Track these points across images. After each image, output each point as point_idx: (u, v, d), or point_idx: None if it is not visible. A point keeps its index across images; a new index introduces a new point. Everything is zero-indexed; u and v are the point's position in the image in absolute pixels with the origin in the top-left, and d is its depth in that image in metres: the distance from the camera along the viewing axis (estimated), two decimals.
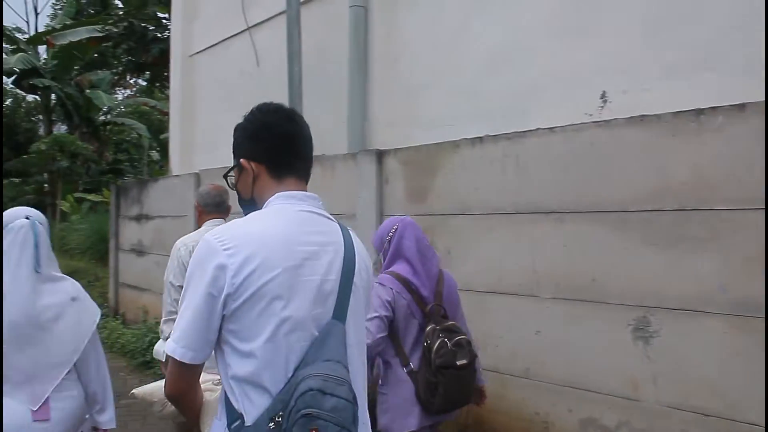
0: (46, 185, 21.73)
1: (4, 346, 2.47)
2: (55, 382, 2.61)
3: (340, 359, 1.65)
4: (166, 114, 23.67)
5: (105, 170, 22.99)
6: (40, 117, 37.83)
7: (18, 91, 39.35)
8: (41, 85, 22.88)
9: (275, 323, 1.62)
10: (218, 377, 1.77)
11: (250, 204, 1.93)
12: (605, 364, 3.59)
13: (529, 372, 4.01)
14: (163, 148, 21.24)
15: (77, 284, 2.80)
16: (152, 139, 23.64)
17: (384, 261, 3.36)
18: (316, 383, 1.53)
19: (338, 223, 1.93)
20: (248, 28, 7.86)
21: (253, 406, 1.62)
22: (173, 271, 3.68)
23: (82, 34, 19.02)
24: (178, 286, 3.55)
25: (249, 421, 1.61)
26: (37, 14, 28.57)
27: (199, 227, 4.08)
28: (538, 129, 4.00)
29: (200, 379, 1.83)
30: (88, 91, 23.09)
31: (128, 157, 27.64)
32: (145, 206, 8.87)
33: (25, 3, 39.30)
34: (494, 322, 4.20)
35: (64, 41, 19.80)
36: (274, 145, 1.89)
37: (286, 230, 1.73)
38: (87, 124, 24.07)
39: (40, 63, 23.82)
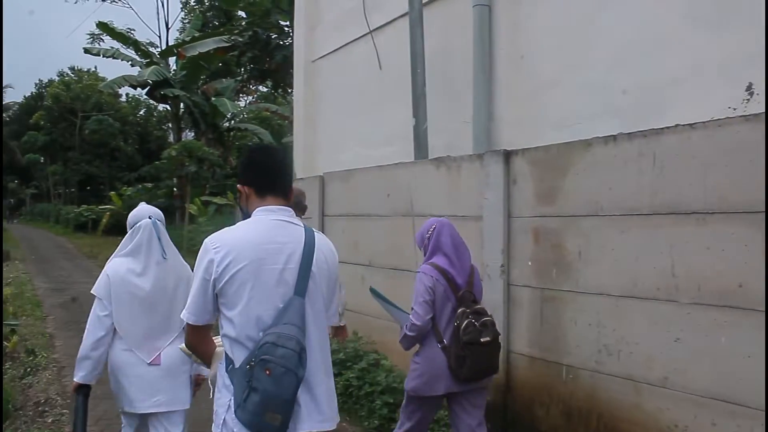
0: (175, 189, 22.78)
1: (137, 311, 3.46)
2: (170, 339, 3.57)
3: (295, 323, 2.38)
4: (287, 119, 24.51)
5: (229, 174, 23.89)
6: (170, 125, 39.88)
7: (151, 101, 41.71)
8: (171, 95, 24.10)
9: (245, 299, 2.40)
10: None
11: (246, 215, 2.67)
12: (755, 376, 3.36)
13: (667, 381, 3.81)
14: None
15: (188, 267, 3.59)
16: (274, 144, 24.36)
17: (425, 255, 4.07)
18: (271, 338, 2.30)
19: (304, 227, 2.62)
20: (370, 32, 7.92)
21: (238, 356, 2.41)
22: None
23: (209, 45, 19.91)
24: None
25: (237, 365, 2.40)
26: (168, 29, 30.08)
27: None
28: (677, 125, 3.79)
29: (215, 339, 2.69)
30: (213, 99, 24.13)
31: None
32: None
33: (158, 19, 41.49)
34: (629, 328, 4.02)
35: (194, 52, 20.76)
36: (257, 175, 2.66)
37: (256, 234, 2.49)
38: (212, 131, 25.14)
39: (171, 74, 25.07)
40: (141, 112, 49.89)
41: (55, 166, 48.01)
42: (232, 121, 26.74)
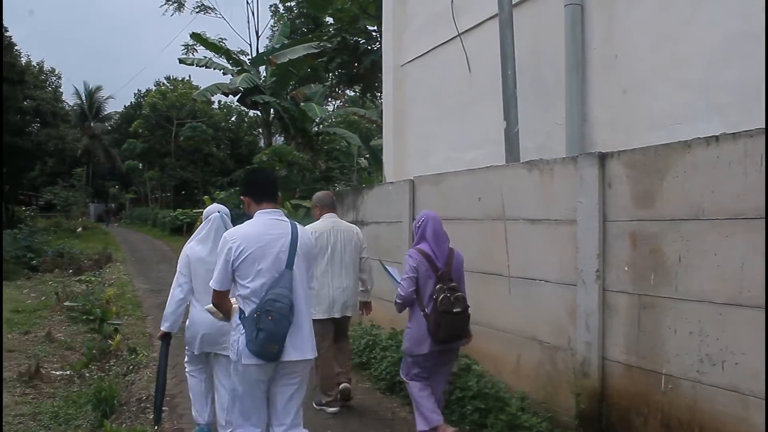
0: None
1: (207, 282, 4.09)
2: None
3: (286, 287, 3.71)
4: (374, 122, 24.68)
5: (318, 178, 24.23)
6: (260, 131, 40.82)
7: (242, 108, 42.82)
8: (261, 101, 24.65)
9: (254, 272, 3.72)
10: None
11: (248, 217, 4.01)
12: None
13: None
14: (372, 156, 22.00)
15: None
16: (363, 148, 24.59)
17: (414, 240, 5.15)
18: (271, 297, 3.63)
19: (290, 222, 3.96)
20: (458, 35, 7.90)
21: (248, 309, 3.71)
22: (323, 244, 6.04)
23: (299, 51, 20.30)
24: None
25: (246, 314, 3.70)
26: (258, 37, 30.79)
27: (318, 219, 6.33)
28: None
29: (231, 300, 3.92)
30: (302, 104, 24.54)
31: (339, 164, 28.95)
32: (360, 212, 9.19)
33: (248, 28, 42.62)
34: (734, 337, 3.85)
35: (284, 59, 21.19)
36: (255, 189, 4.05)
37: (258, 229, 3.85)
38: (302, 135, 25.55)
39: (261, 81, 25.66)
40: (232, 119, 51.33)
41: (152, 171, 49.88)
42: (321, 126, 27.13)
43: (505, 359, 5.78)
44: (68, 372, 7.51)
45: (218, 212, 4.98)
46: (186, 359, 5.29)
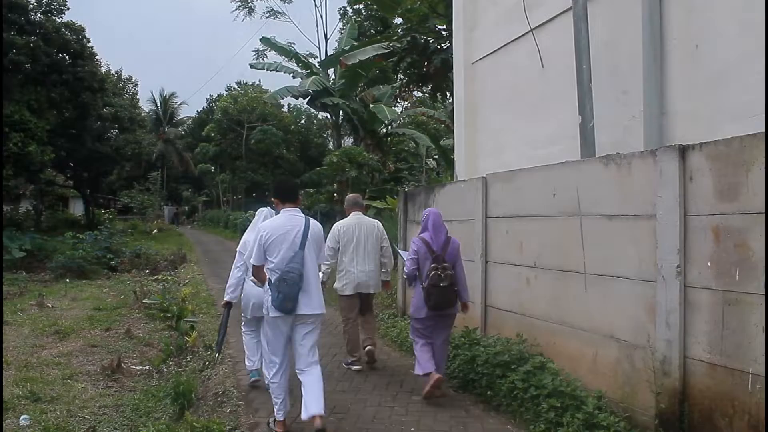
0: (336, 194, 23.48)
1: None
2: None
3: (299, 262, 5.24)
4: (443, 123, 24.62)
5: (387, 179, 24.28)
6: (330, 132, 41.22)
7: (311, 110, 43.32)
8: (331, 104, 24.88)
9: (278, 251, 5.26)
10: None
11: (278, 213, 5.68)
12: None
13: None
14: (442, 156, 21.93)
15: None
16: (432, 148, 24.54)
17: (420, 230, 6.54)
18: (288, 269, 5.19)
19: (304, 217, 5.45)
20: (531, 30, 7.80)
21: (273, 277, 5.22)
22: (331, 239, 7.49)
23: (369, 52, 20.40)
24: (331, 247, 7.44)
25: (272, 281, 5.21)
26: (326, 39, 31.06)
27: (348, 216, 7.84)
28: None
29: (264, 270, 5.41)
30: (371, 105, 24.64)
31: (408, 165, 28.98)
32: None
33: (317, 31, 43.11)
34: None
35: (354, 60, 21.33)
36: (282, 193, 5.74)
37: (281, 221, 5.41)
38: (371, 137, 25.66)
39: (330, 84, 25.90)
40: (302, 121, 51.98)
41: (223, 174, 50.96)
42: (390, 127, 27.20)
43: (581, 357, 5.66)
44: (147, 367, 7.75)
45: (263, 210, 6.73)
46: (243, 323, 6.95)
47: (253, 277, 5.71)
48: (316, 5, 37.01)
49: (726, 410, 4.32)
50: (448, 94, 15.83)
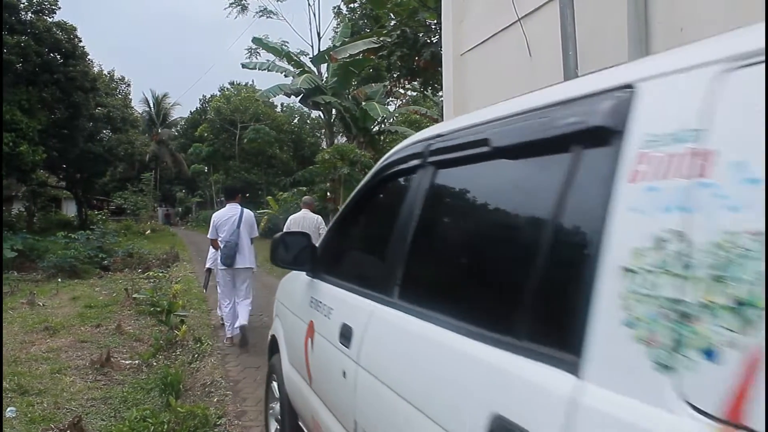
0: (328, 193, 23.50)
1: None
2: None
3: (236, 236, 8.67)
4: (435, 120, 24.59)
5: None
6: (323, 131, 41.20)
7: (304, 109, 43.30)
8: (323, 102, 24.88)
9: (223, 230, 8.70)
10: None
11: (224, 205, 9.58)
12: None
13: None
14: None
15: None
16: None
17: None
18: (229, 239, 8.63)
19: (241, 208, 8.93)
20: (518, 20, 7.78)
21: (221, 245, 8.71)
22: (285, 227, 9.94)
23: (359, 47, 20.44)
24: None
25: (222, 246, 8.72)
26: (320, 38, 31.12)
27: (300, 211, 10.46)
28: None
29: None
30: (363, 103, 24.65)
31: None
32: None
33: (310, 30, 43.01)
34: None
35: (345, 54, 21.33)
36: (226, 194, 12.10)
37: (225, 211, 8.96)
38: (363, 135, 25.68)
39: (322, 82, 25.90)
40: (295, 121, 51.94)
41: (217, 174, 50.88)
42: (383, 125, 27.21)
43: None
44: (137, 361, 7.72)
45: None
46: (218, 284, 9.38)
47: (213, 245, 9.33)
48: (309, 4, 37.06)
49: None
50: (438, 86, 15.83)
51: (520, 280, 1.80)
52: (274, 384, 4.59)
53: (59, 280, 15.88)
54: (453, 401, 1.91)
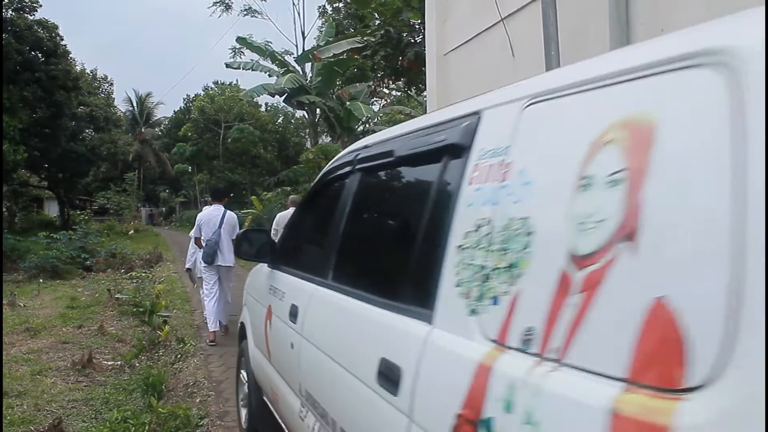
0: None
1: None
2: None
3: (216, 236, 9.03)
4: None
5: None
6: (307, 131, 41.12)
7: (289, 109, 43.16)
8: (307, 102, 24.83)
9: (206, 229, 9.11)
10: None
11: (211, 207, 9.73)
12: None
13: None
14: None
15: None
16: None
17: None
18: (210, 239, 9.02)
19: (224, 210, 9.29)
20: (501, 20, 7.81)
21: (203, 243, 9.11)
22: (275, 223, 11.18)
23: (343, 46, 20.39)
24: (274, 228, 10.75)
25: (204, 245, 9.10)
26: (304, 38, 30.99)
27: (288, 209, 11.14)
28: None
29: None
30: (348, 103, 24.64)
31: None
32: None
33: (295, 29, 42.90)
34: None
35: (328, 54, 21.29)
36: (213, 196, 11.11)
37: (209, 212, 9.35)
38: (348, 134, 25.66)
39: (306, 81, 25.84)
40: (279, 120, 51.78)
41: (201, 174, 50.63)
42: (367, 125, 27.21)
43: None
44: (119, 362, 7.67)
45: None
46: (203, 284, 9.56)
47: (195, 243, 9.78)
48: (294, 3, 36.83)
49: None
50: (422, 87, 15.83)
51: (402, 260, 2.49)
52: (243, 373, 5.12)
53: (41, 280, 15.75)
54: (357, 352, 2.59)
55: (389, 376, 2.17)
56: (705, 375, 1.12)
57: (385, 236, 3.10)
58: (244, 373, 5.10)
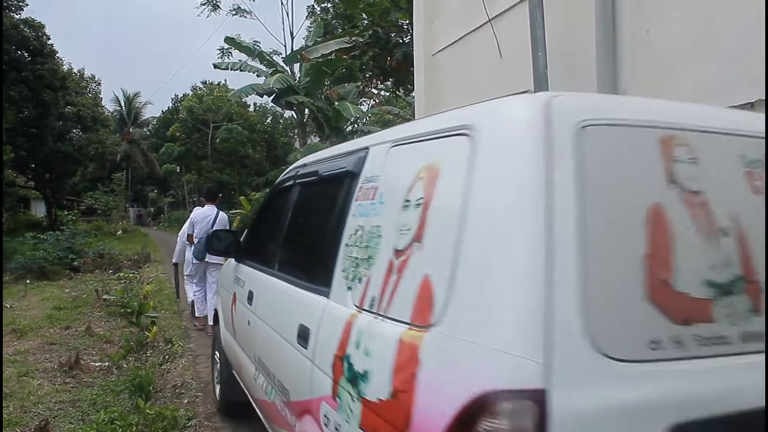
0: None
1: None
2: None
3: (208, 234, 6.86)
4: (408, 120, 24.59)
5: None
6: (296, 131, 41.06)
7: (277, 109, 43.07)
8: (296, 102, 24.77)
9: (199, 227, 9.70)
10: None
11: (202, 206, 10.27)
12: None
13: None
14: None
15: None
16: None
17: None
18: (202, 237, 9.19)
19: (217, 210, 9.93)
20: (489, 21, 7.83)
21: (195, 240, 9.66)
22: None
23: (331, 47, 20.33)
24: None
25: (196, 242, 9.58)
26: (292, 38, 30.94)
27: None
28: None
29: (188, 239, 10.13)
30: (336, 103, 24.60)
31: None
32: None
33: (283, 29, 42.79)
34: None
35: (317, 54, 21.25)
36: (206, 196, 10.50)
37: (203, 212, 9.96)
38: (336, 134, 25.62)
39: (295, 82, 25.79)
40: (268, 120, 51.69)
41: (189, 174, 50.48)
42: (356, 125, 27.19)
43: None
44: (107, 363, 7.65)
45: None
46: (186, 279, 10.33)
47: (186, 240, 10.13)
48: (282, 3, 36.72)
49: None
50: (410, 87, 15.85)
51: (315, 253, 3.40)
52: (217, 354, 6.01)
53: (28, 281, 15.64)
54: (287, 322, 3.42)
55: (303, 336, 3.06)
56: (436, 319, 2.04)
57: (306, 235, 3.98)
58: (217, 354, 5.96)
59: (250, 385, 4.42)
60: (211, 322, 8.90)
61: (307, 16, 31.75)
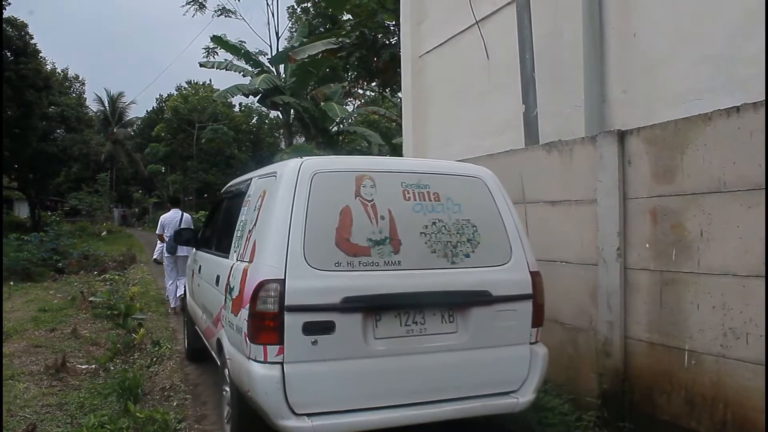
0: None
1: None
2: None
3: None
4: (394, 121, 24.68)
5: None
6: (282, 131, 40.96)
7: (263, 109, 42.96)
8: (282, 102, 24.69)
9: (168, 227, 11.68)
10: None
11: (168, 211, 12.60)
12: None
13: None
14: (394, 154, 21.98)
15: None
16: (384, 146, 24.57)
17: None
18: (171, 235, 10.80)
19: (182, 213, 12.07)
20: (476, 23, 7.87)
21: (166, 238, 11.59)
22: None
23: (318, 47, 20.32)
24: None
25: (167, 240, 11.53)
26: (278, 38, 30.85)
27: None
28: None
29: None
30: (322, 104, 24.55)
31: None
32: None
33: (269, 30, 42.72)
34: (758, 309, 3.80)
35: (303, 55, 21.21)
36: (171, 202, 14.04)
37: (170, 215, 12.01)
38: (322, 135, 25.57)
39: (281, 82, 25.71)
40: (253, 121, 51.53)
41: (174, 175, 50.21)
42: (342, 125, 27.16)
43: None
44: (93, 365, 7.58)
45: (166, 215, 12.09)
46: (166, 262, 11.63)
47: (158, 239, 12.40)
48: (267, 3, 36.66)
49: (664, 387, 4.44)
50: (397, 88, 15.88)
51: (227, 236, 5.34)
52: (185, 318, 8.01)
53: (12, 283, 15.49)
54: (210, 273, 5.54)
55: (217, 280, 5.10)
56: (254, 258, 4.23)
57: (224, 226, 5.89)
58: (185, 318, 7.91)
59: (200, 324, 6.25)
60: (173, 304, 11.61)
61: (288, 17, 31.72)
